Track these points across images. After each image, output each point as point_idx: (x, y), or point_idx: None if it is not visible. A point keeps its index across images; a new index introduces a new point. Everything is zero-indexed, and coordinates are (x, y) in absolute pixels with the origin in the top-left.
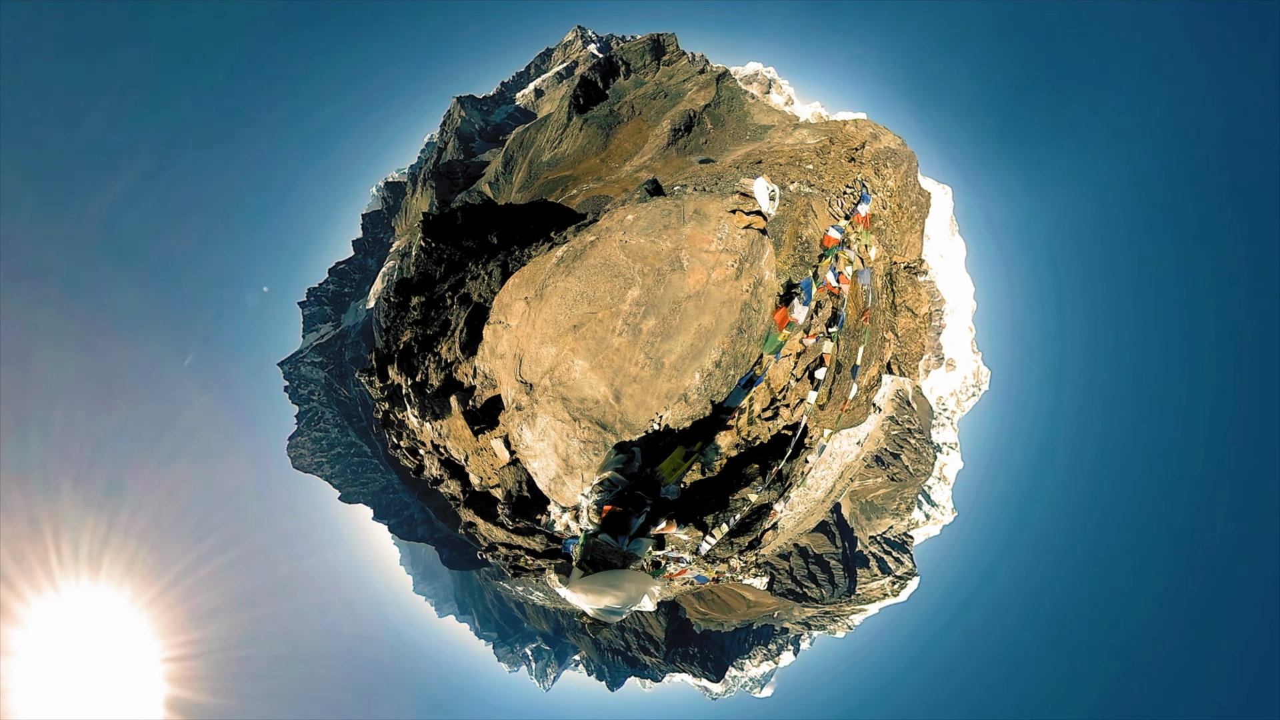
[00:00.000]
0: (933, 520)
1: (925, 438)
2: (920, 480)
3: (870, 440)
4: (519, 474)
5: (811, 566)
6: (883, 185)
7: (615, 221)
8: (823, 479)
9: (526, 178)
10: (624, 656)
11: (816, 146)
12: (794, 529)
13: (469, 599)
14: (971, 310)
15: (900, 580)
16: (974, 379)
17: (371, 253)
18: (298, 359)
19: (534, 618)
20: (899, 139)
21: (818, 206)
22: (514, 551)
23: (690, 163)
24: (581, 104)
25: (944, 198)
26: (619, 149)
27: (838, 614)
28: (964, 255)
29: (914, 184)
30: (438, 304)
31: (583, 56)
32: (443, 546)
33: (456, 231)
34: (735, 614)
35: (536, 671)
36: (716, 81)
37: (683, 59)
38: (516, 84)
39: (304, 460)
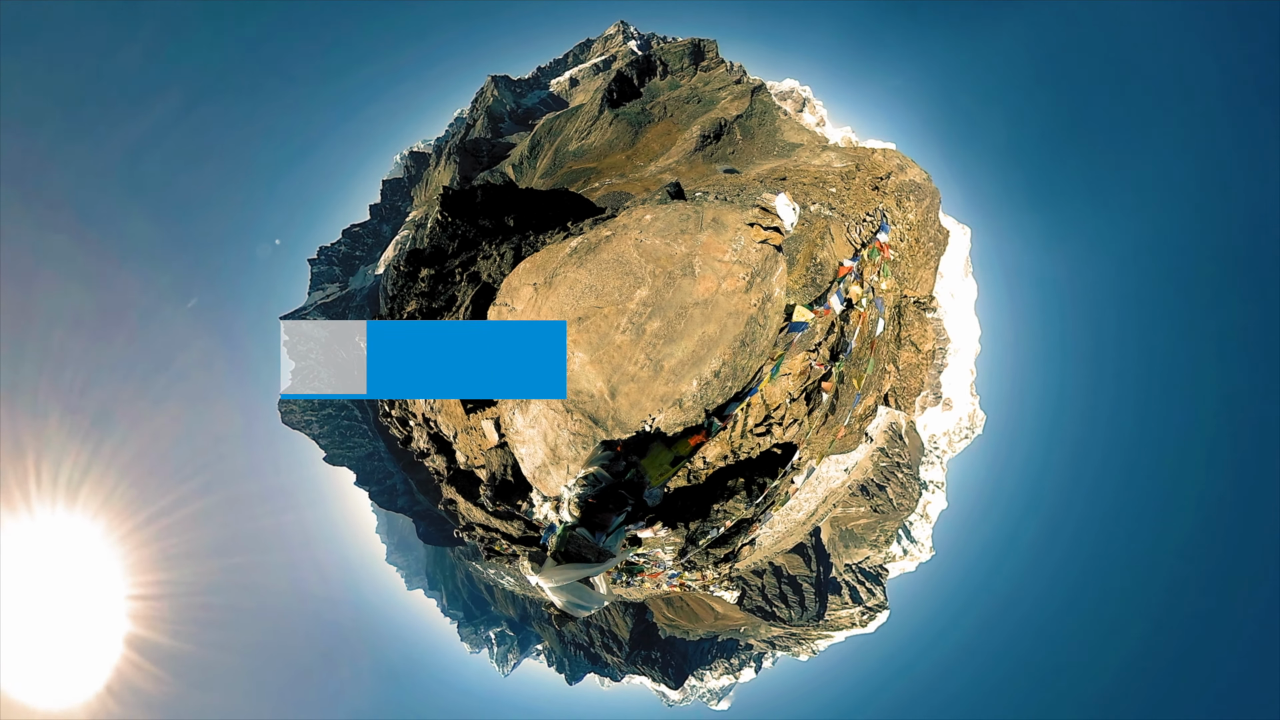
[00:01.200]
0: (910, 556)
1: (913, 473)
2: (903, 515)
3: (858, 469)
4: (505, 458)
5: (784, 586)
6: (903, 217)
7: (633, 219)
8: (806, 501)
9: (550, 165)
10: (586, 652)
11: (842, 171)
12: (771, 547)
13: (440, 575)
14: (975, 353)
15: (870, 612)
16: (969, 421)
17: (387, 219)
18: (301, 315)
19: (502, 602)
20: (925, 174)
21: (836, 230)
22: (490, 534)
23: (715, 171)
24: (615, 98)
25: (962, 238)
26: (646, 148)
27: (804, 637)
28: (975, 297)
29: (934, 220)
30: (446, 279)
31: (622, 52)
32: (420, 520)
33: (474, 209)
34: (702, 624)
35: (498, 656)
36: (751, 94)
37: (721, 67)
38: (553, 71)
39: (294, 417)
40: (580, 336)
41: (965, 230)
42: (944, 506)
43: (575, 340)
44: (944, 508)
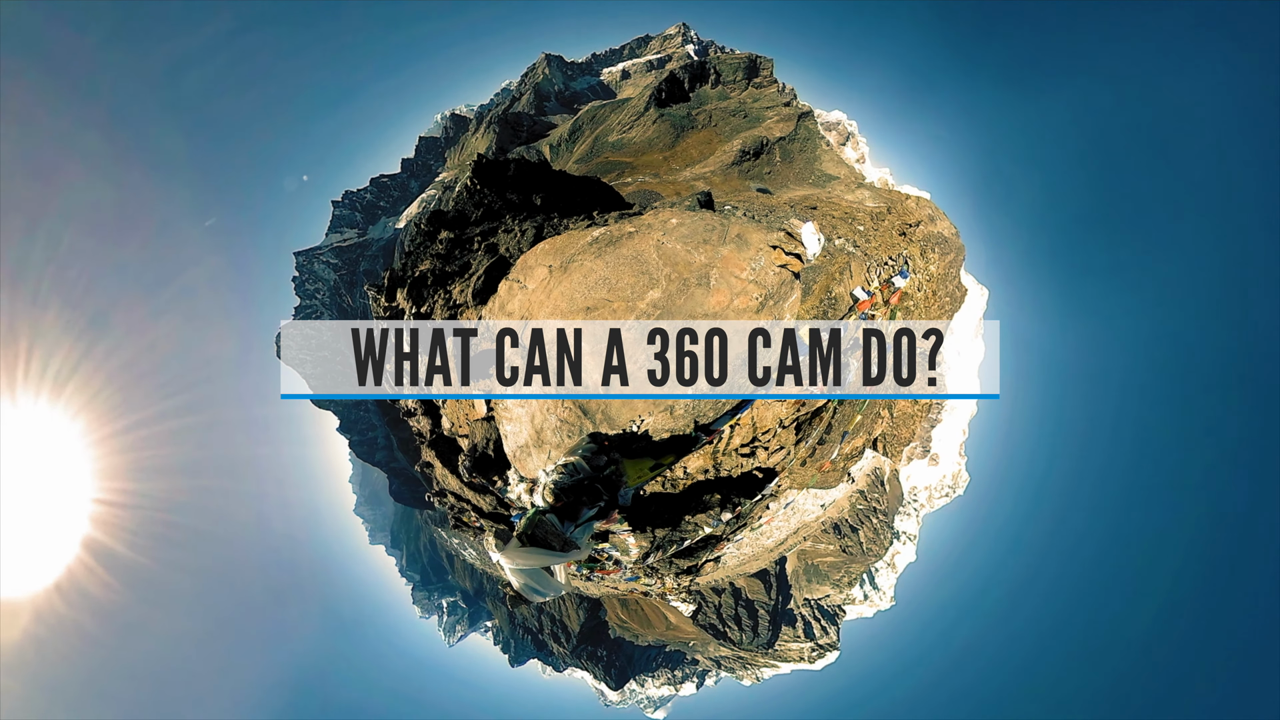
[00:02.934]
0: (870, 602)
1: (888, 521)
2: (870, 560)
3: (834, 507)
4: (490, 431)
5: (740, 609)
6: (925, 267)
7: (659, 220)
8: (777, 529)
9: (587, 152)
10: (534, 637)
11: (873, 210)
12: (735, 567)
13: (404, 535)
14: (971, 414)
15: (820, 649)
16: (952, 481)
17: (417, 175)
18: (314, 254)
19: (460, 573)
20: (954, 229)
21: (856, 268)
22: (462, 504)
23: (748, 187)
24: (663, 98)
25: (979, 298)
26: (684, 152)
27: (750, 662)
28: (980, 359)
29: (955, 276)
30: (464, 245)
31: (678, 54)
32: (395, 477)
33: (505, 181)
34: (653, 630)
35: (446, 626)
36: (798, 118)
37: (773, 86)
38: (607, 60)
39: (289, 352)
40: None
41: (983, 291)
42: (912, 559)
43: None
44: (912, 560)
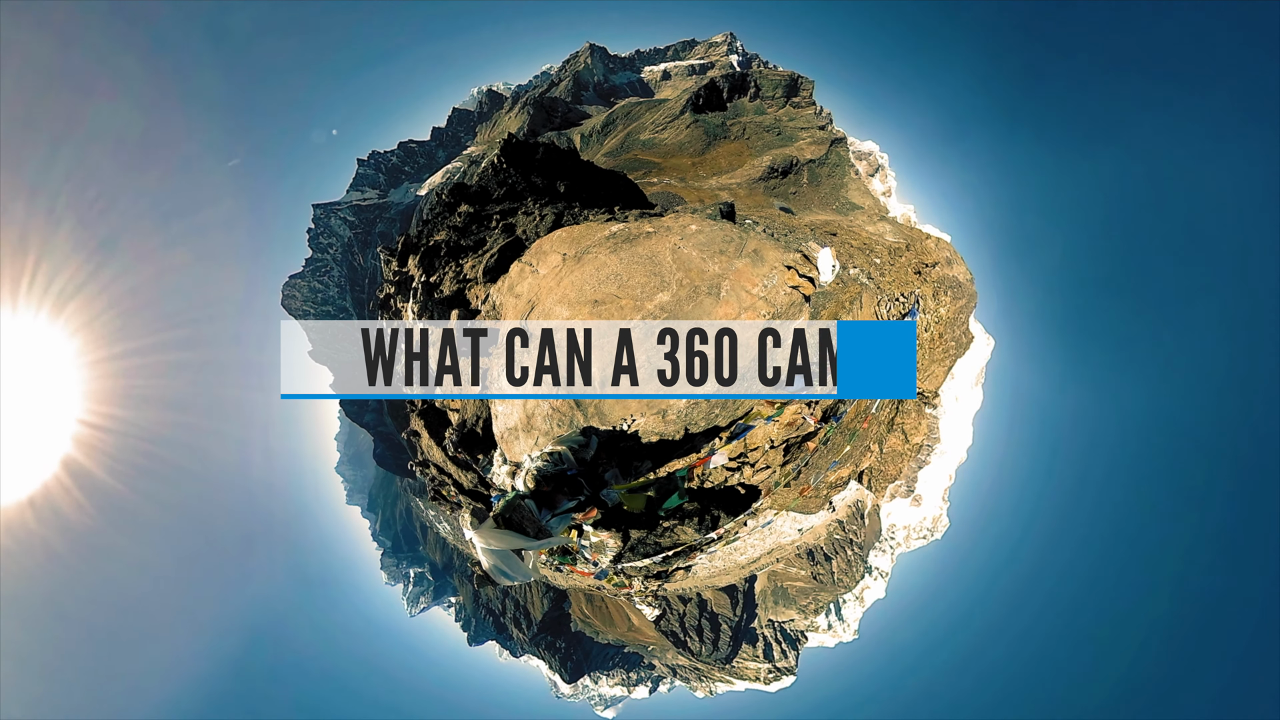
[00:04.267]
0: (833, 632)
1: (862, 555)
2: (839, 591)
3: (811, 533)
4: (481, 409)
5: (704, 620)
6: (935, 309)
7: (678, 225)
8: (752, 547)
9: (618, 146)
10: (496, 620)
11: (892, 246)
12: (704, 578)
13: (381, 500)
14: (960, 461)
15: (778, 672)
16: (931, 524)
17: (445, 146)
18: (333, 209)
19: (431, 545)
20: (969, 275)
21: (867, 300)
22: (443, 477)
23: (771, 205)
24: (700, 104)
25: (984, 347)
26: (713, 160)
27: (706, 674)
28: (977, 408)
29: (964, 322)
30: (482, 221)
31: (721, 62)
32: (381, 441)
33: (532, 164)
34: (614, 629)
35: (410, 596)
36: (831, 143)
37: (810, 107)
38: (650, 58)
39: (294, 303)
40: (591, 319)
41: (990, 341)
42: (881, 596)
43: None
44: (881, 597)
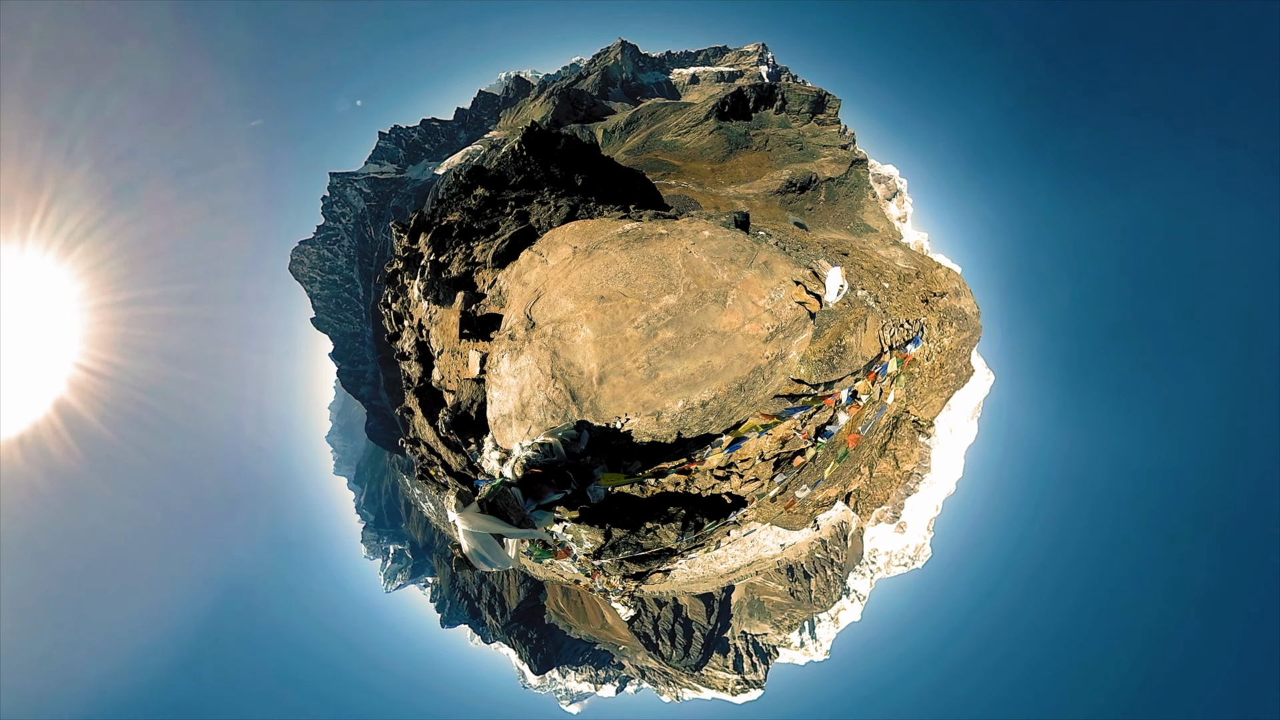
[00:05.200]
0: (804, 650)
1: (841, 576)
2: (815, 610)
3: (794, 549)
4: (477, 393)
5: (677, 625)
6: (938, 339)
7: (691, 229)
8: (733, 557)
9: (639, 145)
10: (471, 604)
11: (902, 271)
12: (682, 584)
13: (368, 473)
14: (948, 493)
15: (746, 685)
16: (913, 553)
17: (468, 127)
18: (349, 179)
19: (414, 524)
20: (977, 308)
21: (872, 323)
22: (432, 456)
23: (786, 218)
24: (725, 111)
25: (984, 382)
26: (732, 169)
27: (675, 679)
28: (971, 442)
29: (966, 354)
30: (497, 206)
31: (751, 72)
32: (374, 415)
33: (552, 154)
34: (587, 626)
35: (387, 572)
36: (852, 164)
37: (835, 126)
38: (680, 61)
39: (301, 268)
40: (596, 314)
41: (990, 376)
42: (856, 619)
43: (589, 316)
44: (856, 620)
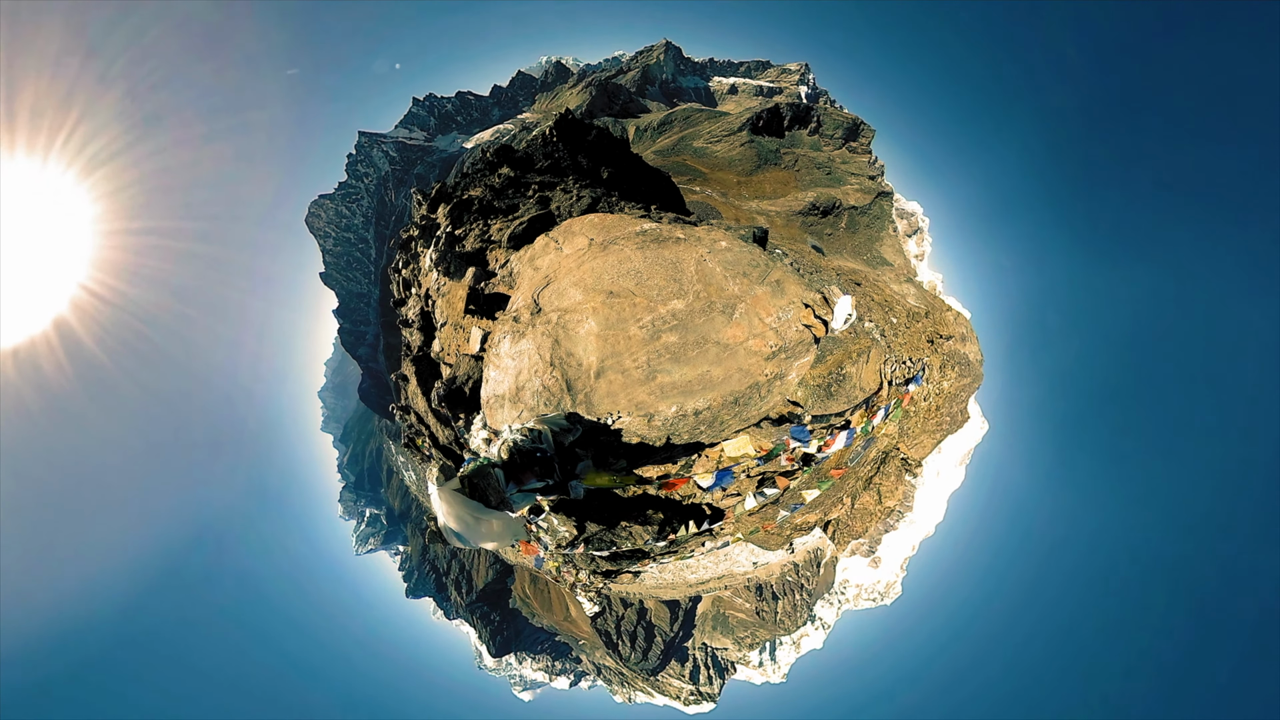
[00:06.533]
0: (762, 670)
1: (809, 603)
2: (778, 632)
3: (765, 569)
4: (474, 370)
5: (640, 627)
6: (938, 381)
7: (709, 238)
8: (705, 567)
9: (669, 147)
10: (438, 578)
11: (913, 309)
12: (651, 587)
13: (355, 434)
14: (926, 534)
15: (698, 696)
16: (884, 589)
17: (502, 105)
18: (378, 140)
19: (393, 490)
20: (981, 356)
21: (874, 356)
22: (421, 426)
23: (804, 240)
24: (759, 126)
25: (977, 430)
26: (758, 183)
27: (629, 681)
28: (956, 487)
29: (964, 400)
30: (520, 187)
31: (790, 90)
32: (369, 377)
33: (582, 144)
34: (551, 616)
35: (360, 534)
36: (878, 195)
37: (866, 155)
38: (722, 69)
39: (317, 221)
40: (603, 308)
41: (984, 425)
42: (817, 647)
43: (596, 309)
44: (817, 648)
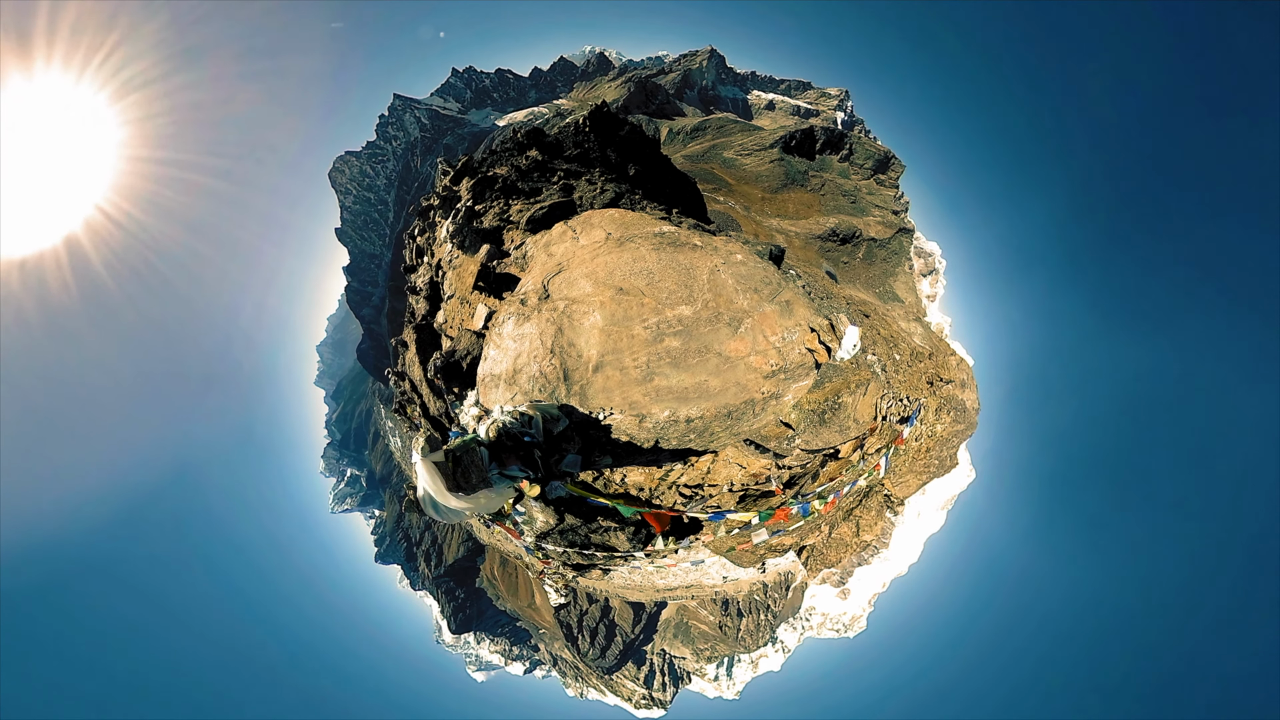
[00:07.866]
0: (717, 685)
1: (773, 624)
2: (739, 649)
3: (734, 584)
4: (474, 346)
5: (602, 624)
6: (932, 423)
7: (725, 249)
8: (674, 575)
9: (699, 153)
10: (409, 547)
11: (916, 349)
12: (619, 586)
13: (347, 392)
14: (898, 573)
15: (650, 701)
16: (849, 621)
17: (540, 88)
18: (411, 104)
19: (377, 454)
20: (978, 404)
21: (872, 390)
22: (414, 394)
23: (819, 265)
24: (791, 145)
25: (964, 477)
26: (781, 202)
27: (584, 676)
28: (934, 531)
29: (955, 445)
30: (546, 172)
31: (827, 114)
32: (369, 338)
33: (613, 138)
34: (516, 600)
35: (338, 493)
36: (899, 231)
37: (893, 190)
38: (762, 84)
39: (340, 177)
40: (610, 304)
41: (971, 473)
42: (775, 669)
43: (604, 304)
44: (774, 670)
